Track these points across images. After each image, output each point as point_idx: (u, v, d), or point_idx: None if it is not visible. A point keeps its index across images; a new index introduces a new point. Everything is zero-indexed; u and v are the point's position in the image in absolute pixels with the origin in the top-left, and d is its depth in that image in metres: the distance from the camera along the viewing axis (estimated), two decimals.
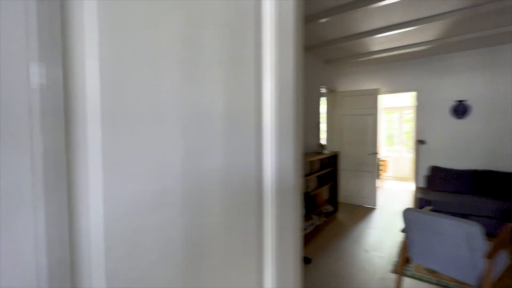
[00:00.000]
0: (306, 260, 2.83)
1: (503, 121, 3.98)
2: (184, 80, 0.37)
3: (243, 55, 0.46)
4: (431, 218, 1.97)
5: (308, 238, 3.33)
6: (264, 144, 0.51)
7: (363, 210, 4.68)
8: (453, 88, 4.33)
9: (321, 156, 3.75)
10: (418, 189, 4.48)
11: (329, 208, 4.10)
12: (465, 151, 4.29)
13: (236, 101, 0.46)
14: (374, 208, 4.80)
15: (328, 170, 4.07)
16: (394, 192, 6.10)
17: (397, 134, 7.87)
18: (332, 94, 5.24)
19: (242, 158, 0.47)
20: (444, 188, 4.15)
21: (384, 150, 7.96)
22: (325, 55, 4.44)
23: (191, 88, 0.38)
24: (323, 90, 5.09)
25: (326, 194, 4.11)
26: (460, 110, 4.26)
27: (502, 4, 2.58)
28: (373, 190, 4.89)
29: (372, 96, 4.85)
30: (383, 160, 7.50)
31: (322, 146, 4.10)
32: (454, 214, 3.58)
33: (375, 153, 4.82)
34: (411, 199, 4.82)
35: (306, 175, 3.38)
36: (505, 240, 1.90)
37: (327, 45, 3.77)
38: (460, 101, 4.25)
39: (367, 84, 5.18)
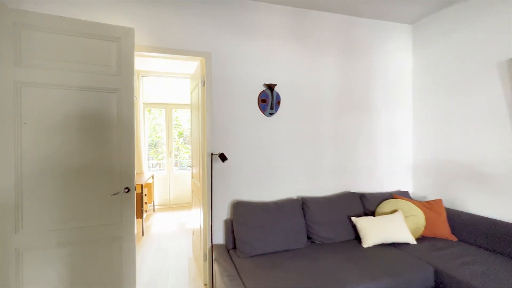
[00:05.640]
0: None
1: (317, 124, 2.75)
2: None
3: None
4: None
5: None
6: None
7: None
8: (262, 61, 2.54)
9: None
10: (219, 253, 2.18)
11: None
12: (272, 170, 2.63)
13: None
14: None
15: None
16: (168, 247, 3.53)
17: (163, 142, 5.54)
18: None
19: None
20: (265, 245, 2.16)
21: (147, 167, 5.27)
22: None
23: None
24: None
25: None
26: (271, 100, 2.55)
27: None
28: (128, 277, 1.92)
29: (114, 43, 1.90)
30: (147, 184, 4.76)
31: None
32: None
33: (129, 189, 1.91)
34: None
35: None
36: None
37: None
38: (270, 85, 2.53)
39: (107, 16, 2.15)
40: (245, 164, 2.49)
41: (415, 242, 2.29)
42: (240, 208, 2.30)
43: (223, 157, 2.18)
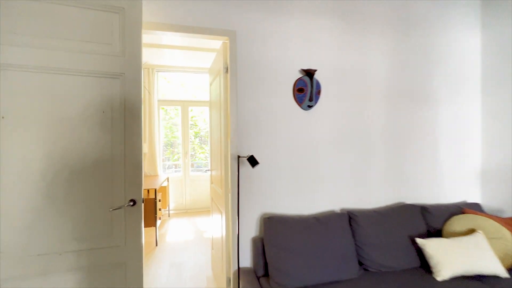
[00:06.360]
0: None
1: (365, 119, 2.23)
2: None
3: None
4: None
5: None
6: None
7: None
8: (299, 42, 2.06)
9: None
10: (247, 281, 1.72)
11: None
12: (322, 179, 2.14)
13: None
14: None
15: None
16: (183, 261, 3.11)
17: (180, 142, 5.18)
18: None
19: None
20: (307, 275, 1.67)
21: (161, 169, 4.92)
22: None
23: None
24: None
25: None
26: (310, 90, 2.05)
27: None
28: None
29: (116, 16, 1.49)
30: (162, 188, 4.40)
31: None
32: None
33: (135, 201, 1.49)
34: None
35: None
36: None
37: None
38: (309, 71, 2.04)
39: None
40: (276, 168, 2.02)
41: (507, 275, 1.72)
42: (272, 225, 1.83)
43: (253, 161, 1.71)
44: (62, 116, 1.38)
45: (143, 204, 1.54)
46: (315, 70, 2.02)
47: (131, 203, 1.48)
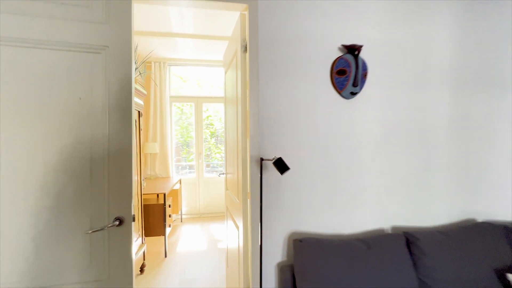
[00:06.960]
0: None
1: (424, 110, 1.72)
2: None
3: None
4: None
5: None
6: None
7: None
8: (338, 10, 1.59)
9: None
10: None
11: None
12: (368, 187, 1.66)
13: None
14: None
15: None
16: (195, 278, 2.71)
17: (193, 142, 4.83)
18: None
19: None
20: None
21: (173, 169, 4.60)
22: None
23: None
24: None
25: None
26: (355, 72, 1.57)
27: None
28: None
29: None
30: (173, 191, 4.06)
31: None
32: None
33: (121, 220, 1.10)
34: None
35: None
36: None
37: None
38: (354, 48, 1.56)
39: None
40: (308, 174, 1.56)
41: None
42: (305, 249, 1.38)
43: (281, 166, 1.26)
44: (25, 105, 1.01)
45: (133, 223, 1.14)
46: (361, 46, 1.54)
47: (117, 222, 1.09)
